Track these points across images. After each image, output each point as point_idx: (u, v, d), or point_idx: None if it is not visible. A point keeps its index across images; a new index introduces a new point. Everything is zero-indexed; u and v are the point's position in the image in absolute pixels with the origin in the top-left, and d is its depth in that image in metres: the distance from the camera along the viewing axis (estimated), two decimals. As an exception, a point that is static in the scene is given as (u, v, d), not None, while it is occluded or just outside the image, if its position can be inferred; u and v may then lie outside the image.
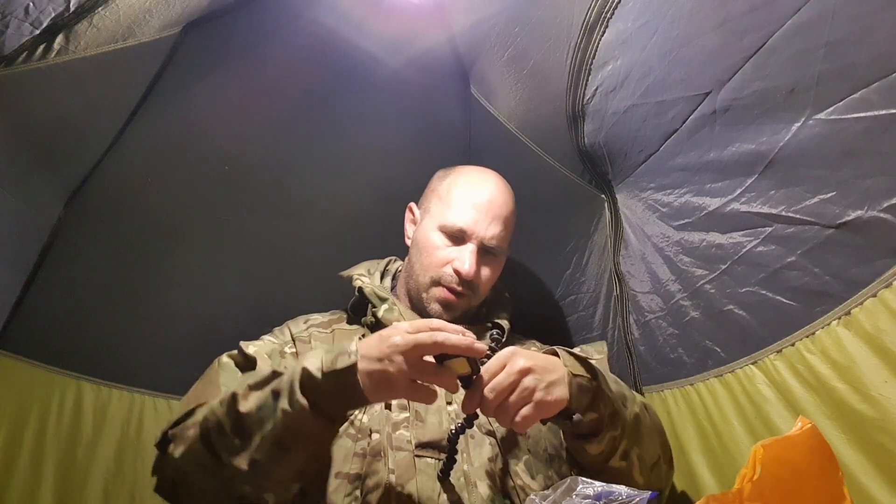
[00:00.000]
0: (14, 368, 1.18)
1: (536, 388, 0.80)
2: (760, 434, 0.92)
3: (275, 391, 0.80)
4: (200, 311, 1.43)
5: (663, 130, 1.04)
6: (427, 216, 1.18)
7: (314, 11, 1.36)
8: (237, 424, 0.81)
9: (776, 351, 0.91)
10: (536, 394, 0.80)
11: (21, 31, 0.91)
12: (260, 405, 0.80)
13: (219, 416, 0.83)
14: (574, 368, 0.85)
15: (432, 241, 1.13)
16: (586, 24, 1.05)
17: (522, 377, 0.81)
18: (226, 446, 0.81)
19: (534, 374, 0.81)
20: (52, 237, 1.23)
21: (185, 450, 0.85)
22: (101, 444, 1.28)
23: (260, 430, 0.79)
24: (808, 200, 0.82)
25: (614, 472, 0.89)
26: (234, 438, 0.80)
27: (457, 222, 1.11)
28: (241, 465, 0.79)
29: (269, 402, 0.80)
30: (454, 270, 1.10)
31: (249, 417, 0.80)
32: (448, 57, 1.50)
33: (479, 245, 1.11)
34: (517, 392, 0.80)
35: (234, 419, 0.81)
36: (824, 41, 0.74)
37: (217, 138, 1.38)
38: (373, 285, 1.16)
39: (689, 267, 1.06)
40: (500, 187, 1.17)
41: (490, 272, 1.14)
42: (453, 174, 1.21)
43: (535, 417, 0.81)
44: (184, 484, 0.87)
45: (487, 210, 1.12)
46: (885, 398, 0.74)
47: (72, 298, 1.27)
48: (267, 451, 0.78)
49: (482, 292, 1.15)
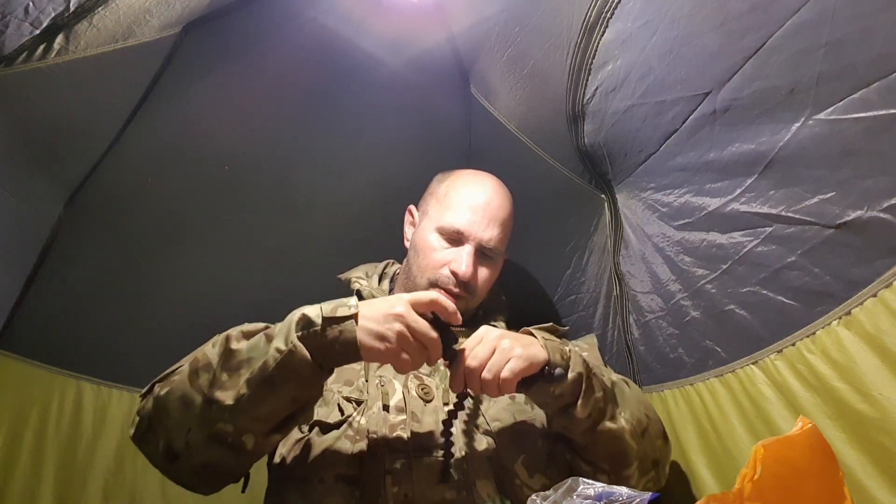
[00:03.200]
0: (14, 368, 1.18)
1: (514, 347, 0.86)
2: (761, 434, 0.92)
3: (268, 335, 0.84)
4: (200, 311, 1.42)
5: (663, 130, 1.04)
6: (425, 219, 1.18)
7: (314, 11, 1.36)
8: (226, 360, 0.84)
9: (777, 351, 0.91)
10: (515, 350, 0.86)
11: (21, 31, 0.91)
12: (252, 345, 0.84)
13: (209, 354, 0.86)
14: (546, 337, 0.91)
15: (430, 242, 1.13)
16: (586, 24, 1.05)
17: (499, 342, 0.86)
18: (212, 381, 0.83)
19: (509, 338, 0.88)
20: (52, 237, 1.23)
21: (170, 388, 0.87)
22: (101, 444, 1.28)
23: (249, 367, 0.82)
24: (808, 200, 0.82)
25: (606, 437, 0.91)
26: (222, 373, 0.83)
27: (454, 224, 1.11)
28: (226, 400, 0.81)
29: (261, 342, 0.83)
30: (451, 272, 1.10)
31: (240, 354, 0.83)
32: (448, 57, 1.50)
33: (476, 247, 1.11)
34: (497, 353, 0.85)
35: (224, 355, 0.84)
36: (824, 41, 0.74)
37: (217, 138, 1.38)
38: (371, 288, 1.17)
39: (690, 267, 1.06)
40: (498, 190, 1.17)
41: (487, 274, 1.14)
42: (451, 177, 1.22)
43: (518, 372, 0.85)
44: (161, 420, 0.87)
45: (485, 212, 1.12)
46: (886, 398, 0.74)
47: (72, 298, 1.27)
48: (253, 387, 0.81)
49: (479, 295, 1.15)
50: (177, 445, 0.85)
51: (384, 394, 0.99)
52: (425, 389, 1.01)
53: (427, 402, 0.99)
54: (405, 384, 1.01)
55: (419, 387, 1.01)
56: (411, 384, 1.01)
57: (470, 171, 1.24)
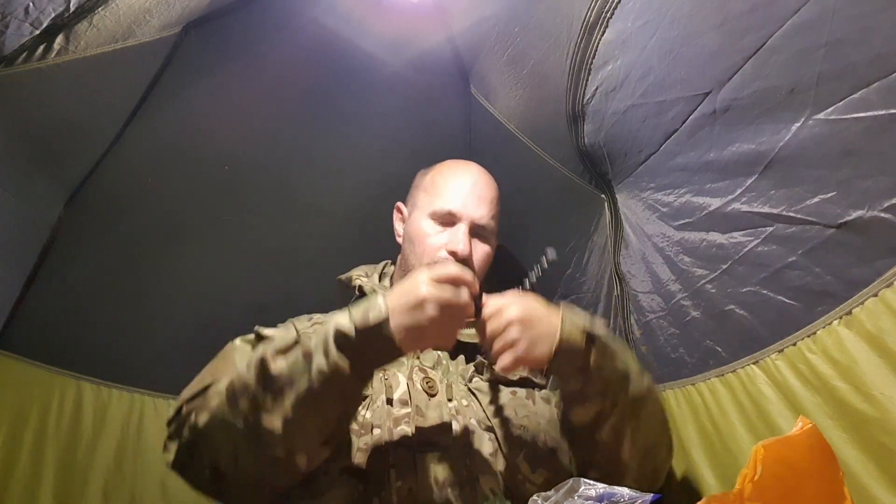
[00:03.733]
0: (14, 368, 1.18)
1: (518, 341, 0.84)
2: (762, 434, 0.92)
3: (305, 353, 0.82)
4: (200, 311, 1.43)
5: (663, 130, 1.04)
6: (415, 210, 1.18)
7: (314, 11, 1.36)
8: (268, 386, 0.82)
9: (777, 350, 0.91)
10: (518, 346, 0.84)
11: (21, 31, 0.91)
12: (291, 366, 0.82)
13: (246, 380, 0.84)
14: (570, 335, 0.87)
15: (423, 229, 1.13)
16: (586, 24, 1.05)
17: (508, 327, 0.85)
18: (256, 408, 0.82)
19: (521, 326, 0.85)
20: (52, 237, 1.23)
21: (209, 416, 0.85)
22: (101, 444, 1.28)
23: (292, 390, 0.81)
24: (809, 200, 0.82)
25: (598, 445, 0.91)
26: (266, 400, 0.82)
27: (445, 205, 1.12)
28: (275, 427, 0.81)
29: (300, 362, 0.82)
30: (449, 252, 1.10)
31: (281, 379, 0.82)
32: (448, 57, 1.50)
33: (470, 225, 1.11)
34: (499, 341, 0.85)
35: (264, 381, 0.82)
36: (824, 41, 0.74)
37: (217, 138, 1.38)
38: (372, 284, 1.17)
39: (690, 267, 1.06)
40: (483, 173, 1.18)
41: (483, 253, 1.14)
42: (435, 168, 1.22)
43: (514, 368, 0.85)
44: (204, 448, 0.86)
45: (472, 191, 1.13)
46: (887, 398, 0.74)
47: (72, 298, 1.27)
48: (299, 409, 0.80)
49: (478, 276, 1.15)
50: (224, 469, 0.85)
51: (388, 387, 0.98)
52: (430, 383, 1.01)
53: (431, 396, 0.99)
54: (409, 377, 1.01)
55: (423, 380, 1.01)
56: (416, 377, 1.01)
57: (451, 160, 1.24)
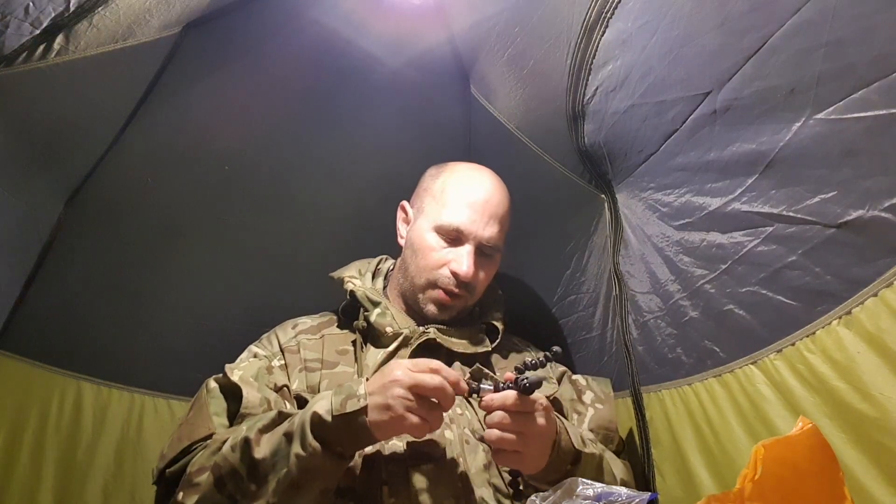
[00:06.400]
0: (14, 368, 1.18)
1: (512, 448, 0.86)
2: (760, 434, 0.91)
3: (287, 434, 0.83)
4: (200, 311, 1.43)
5: (663, 130, 1.04)
6: (421, 216, 1.16)
7: (314, 12, 1.36)
8: (252, 470, 0.83)
9: (776, 351, 0.91)
10: (511, 452, 0.86)
11: (21, 31, 0.91)
12: (273, 450, 0.83)
13: (232, 462, 0.84)
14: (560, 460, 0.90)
15: (428, 242, 1.11)
16: (586, 24, 1.05)
17: (507, 430, 0.85)
18: (243, 492, 0.83)
19: (521, 436, 0.86)
20: (52, 237, 1.23)
21: (198, 497, 0.85)
22: (101, 444, 1.28)
23: (275, 474, 0.82)
24: (809, 200, 0.82)
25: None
26: (251, 484, 0.83)
27: (453, 222, 1.09)
28: None
29: (282, 445, 0.83)
30: (452, 272, 1.09)
31: (264, 463, 0.83)
32: (448, 57, 1.50)
33: (476, 246, 1.10)
34: (495, 438, 0.86)
35: (249, 465, 0.83)
36: (824, 41, 0.74)
37: (217, 138, 1.38)
38: (364, 288, 1.14)
39: (689, 267, 1.06)
40: (496, 185, 1.16)
41: (487, 272, 1.13)
42: (446, 171, 1.19)
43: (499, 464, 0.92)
44: None
45: (484, 209, 1.10)
46: (887, 398, 0.74)
47: (72, 298, 1.28)
48: (282, 493, 0.81)
49: (478, 293, 1.14)
50: None
51: None
52: None
53: None
54: None
55: None
56: None
57: (465, 164, 1.22)
